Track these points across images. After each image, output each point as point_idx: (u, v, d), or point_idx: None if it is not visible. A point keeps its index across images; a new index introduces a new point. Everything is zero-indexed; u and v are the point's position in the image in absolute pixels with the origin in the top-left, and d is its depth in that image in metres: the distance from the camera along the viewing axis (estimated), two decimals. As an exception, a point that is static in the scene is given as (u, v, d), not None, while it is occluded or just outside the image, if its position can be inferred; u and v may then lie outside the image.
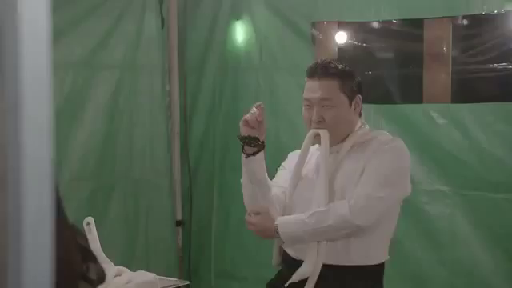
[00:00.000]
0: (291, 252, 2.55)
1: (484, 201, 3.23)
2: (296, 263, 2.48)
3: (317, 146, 2.55)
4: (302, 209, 2.50)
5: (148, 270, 3.06)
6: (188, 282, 3.28)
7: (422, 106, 3.46)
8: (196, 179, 4.35)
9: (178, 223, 4.34)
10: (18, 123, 0.63)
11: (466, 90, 3.61)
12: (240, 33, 4.11)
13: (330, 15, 3.75)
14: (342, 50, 3.59)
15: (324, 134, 2.46)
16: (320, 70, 2.49)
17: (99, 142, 3.99)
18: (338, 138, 2.50)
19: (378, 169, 2.41)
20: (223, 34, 4.15)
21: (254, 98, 3.80)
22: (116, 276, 2.91)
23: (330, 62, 2.53)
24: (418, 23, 3.50)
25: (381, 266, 2.50)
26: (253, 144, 2.44)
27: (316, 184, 2.48)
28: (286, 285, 2.49)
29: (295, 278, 2.45)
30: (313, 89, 2.48)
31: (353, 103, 2.51)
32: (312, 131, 2.52)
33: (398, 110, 3.53)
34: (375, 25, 3.78)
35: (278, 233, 2.48)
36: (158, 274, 3.03)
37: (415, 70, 3.62)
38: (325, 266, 2.40)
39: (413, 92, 3.62)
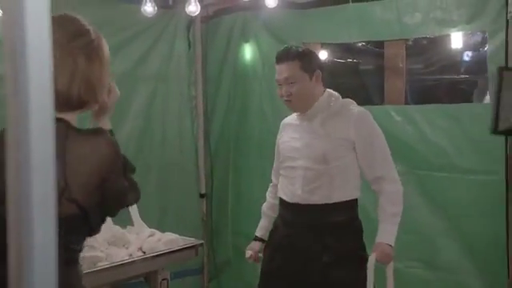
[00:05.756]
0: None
1: (429, 178, 3.62)
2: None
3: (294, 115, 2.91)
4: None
5: (178, 232, 3.38)
6: (202, 241, 3.44)
7: (383, 107, 3.83)
8: (215, 162, 4.81)
9: (202, 196, 4.81)
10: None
11: (417, 95, 4.04)
12: (248, 51, 4.55)
13: (315, 38, 4.14)
14: (324, 64, 3.38)
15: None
16: (283, 56, 2.76)
17: (139, 134, 4.41)
18: (306, 106, 2.78)
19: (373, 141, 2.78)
20: (235, 52, 4.61)
21: (259, 100, 4.40)
22: (150, 236, 3.28)
23: (290, 48, 2.76)
24: (379, 44, 3.96)
25: (354, 200, 2.82)
26: None
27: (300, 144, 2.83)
28: None
29: None
30: (280, 71, 2.77)
31: (313, 78, 2.76)
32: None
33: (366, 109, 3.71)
34: (348, 45, 4.17)
35: None
36: (185, 236, 3.36)
37: (378, 79, 4.01)
38: (316, 206, 2.75)
39: (377, 96, 4.04)
